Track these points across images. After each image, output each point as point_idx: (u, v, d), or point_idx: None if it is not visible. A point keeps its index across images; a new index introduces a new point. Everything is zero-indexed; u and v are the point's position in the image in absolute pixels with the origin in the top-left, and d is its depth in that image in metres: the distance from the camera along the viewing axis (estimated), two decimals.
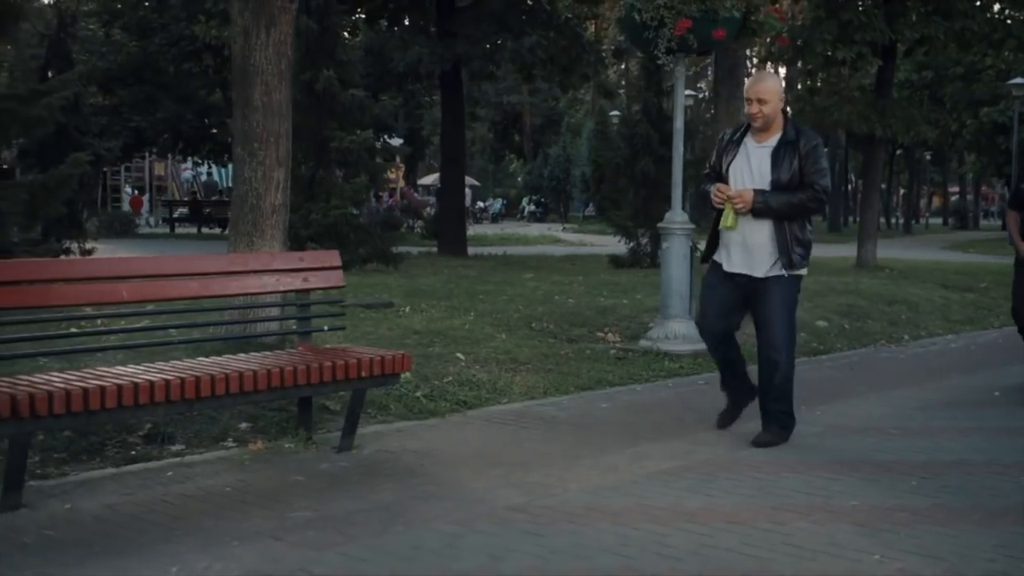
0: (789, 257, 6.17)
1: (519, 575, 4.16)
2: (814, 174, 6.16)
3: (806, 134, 6.31)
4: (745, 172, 6.27)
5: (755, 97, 6.13)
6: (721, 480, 5.62)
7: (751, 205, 6.12)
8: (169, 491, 5.33)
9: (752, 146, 6.31)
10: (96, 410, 4.98)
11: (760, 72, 6.17)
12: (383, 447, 6.33)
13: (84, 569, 4.18)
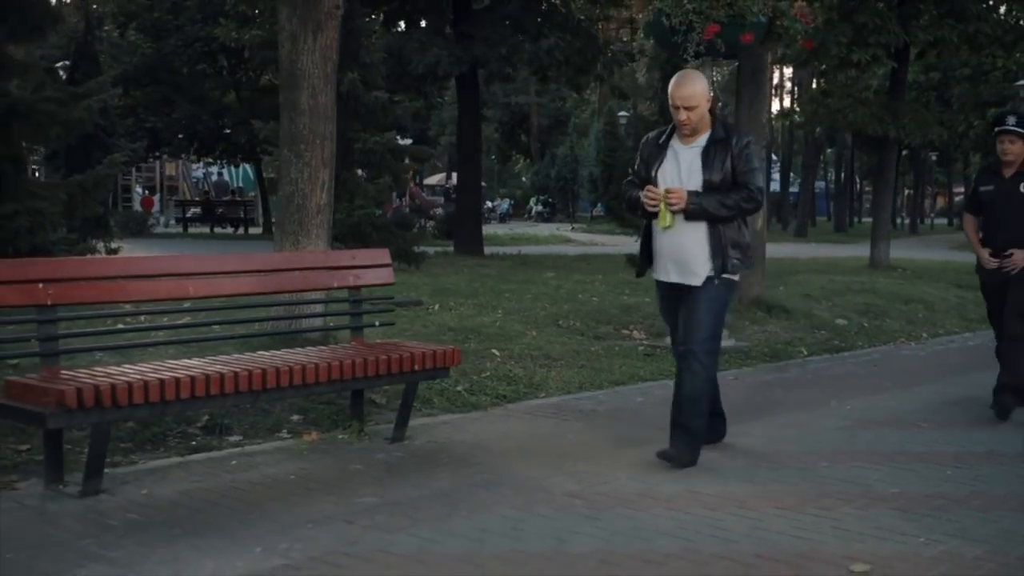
0: (723, 261, 5.79)
1: (585, 555, 4.38)
2: (747, 173, 5.82)
3: (737, 132, 6.04)
4: (674, 175, 5.86)
5: (682, 105, 5.77)
6: (763, 469, 5.85)
7: (686, 203, 5.71)
8: (236, 478, 5.57)
9: (680, 148, 5.92)
10: (171, 400, 5.23)
11: (682, 74, 5.92)
12: (433, 438, 6.56)
13: (173, 548, 4.41)
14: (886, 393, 8.45)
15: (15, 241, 10.61)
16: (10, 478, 5.42)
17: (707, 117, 5.87)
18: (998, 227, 7.47)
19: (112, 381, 5.07)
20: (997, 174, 7.55)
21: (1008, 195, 7.39)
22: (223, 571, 4.14)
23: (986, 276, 7.65)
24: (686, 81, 5.83)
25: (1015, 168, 7.40)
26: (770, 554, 4.41)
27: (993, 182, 7.54)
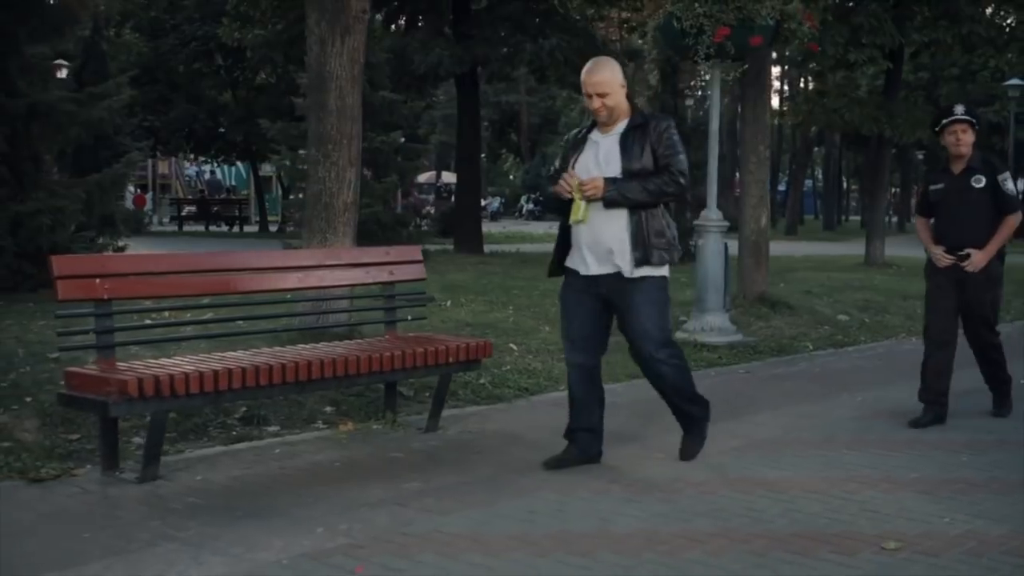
0: (647, 251, 5.49)
1: (630, 534, 4.62)
2: (669, 156, 5.50)
3: (656, 117, 5.74)
4: (592, 165, 5.58)
5: (594, 92, 5.53)
6: (788, 456, 6.10)
7: (603, 192, 5.41)
8: (284, 465, 5.80)
9: (599, 138, 5.67)
10: (224, 390, 5.46)
11: (595, 61, 5.68)
12: (465, 428, 6.79)
13: (238, 529, 4.63)
14: (893, 385, 8.68)
15: (37, 238, 10.83)
16: (67, 465, 5.63)
17: (624, 105, 5.61)
18: (951, 226, 7.04)
19: (169, 372, 5.29)
20: (946, 171, 7.10)
21: (960, 192, 6.97)
22: (292, 549, 4.37)
23: (939, 277, 7.11)
24: (598, 68, 5.61)
25: (965, 163, 6.94)
26: (806, 533, 4.65)
27: (943, 180, 7.10)
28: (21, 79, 11.12)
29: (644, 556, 4.33)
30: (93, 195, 11.63)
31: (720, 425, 6.92)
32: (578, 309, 5.75)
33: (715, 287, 10.57)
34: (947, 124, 6.91)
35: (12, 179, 10.90)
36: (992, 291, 7.09)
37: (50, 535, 4.57)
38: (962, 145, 6.87)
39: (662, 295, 5.67)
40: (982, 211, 6.91)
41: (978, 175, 6.89)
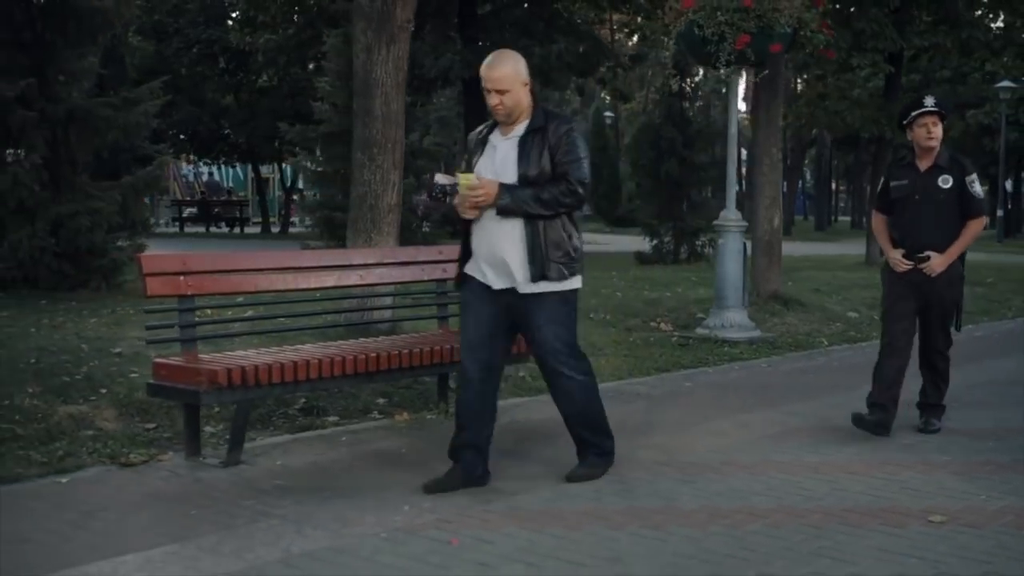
0: (543, 265, 5.13)
1: (694, 510, 4.99)
2: (567, 163, 5.12)
3: (557, 119, 5.26)
4: (488, 170, 5.21)
5: (493, 87, 5.13)
6: (825, 442, 6.47)
7: (495, 199, 5.06)
8: (354, 451, 6.15)
9: (498, 140, 5.29)
10: (302, 380, 5.83)
11: (495, 54, 5.26)
12: (513, 418, 7.14)
13: (329, 507, 4.99)
14: (912, 379, 9.03)
15: (76, 239, 11.16)
16: (151, 451, 5.98)
17: (525, 104, 5.20)
18: (913, 227, 6.57)
19: (254, 363, 5.65)
20: (912, 167, 6.59)
21: (925, 191, 6.50)
22: (386, 524, 4.72)
23: (896, 282, 6.71)
24: (498, 61, 5.19)
25: (933, 160, 6.49)
26: (855, 508, 5.02)
27: (907, 176, 6.59)
28: (59, 85, 11.44)
29: (710, 529, 4.70)
30: (128, 197, 11.96)
31: (755, 414, 7.34)
32: (477, 314, 5.35)
33: (734, 285, 10.93)
34: (917, 116, 6.47)
35: (51, 182, 11.22)
36: (953, 293, 6.71)
37: (159, 512, 4.93)
38: (933, 139, 6.43)
39: (565, 309, 5.30)
40: (947, 213, 6.49)
41: (946, 175, 6.46)
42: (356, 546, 4.44)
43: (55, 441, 5.99)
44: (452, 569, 4.17)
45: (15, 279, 10.82)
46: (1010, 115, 39.75)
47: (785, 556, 4.34)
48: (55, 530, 4.63)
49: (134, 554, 4.30)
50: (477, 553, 4.35)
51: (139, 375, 7.24)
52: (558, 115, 5.36)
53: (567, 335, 5.34)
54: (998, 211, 42.97)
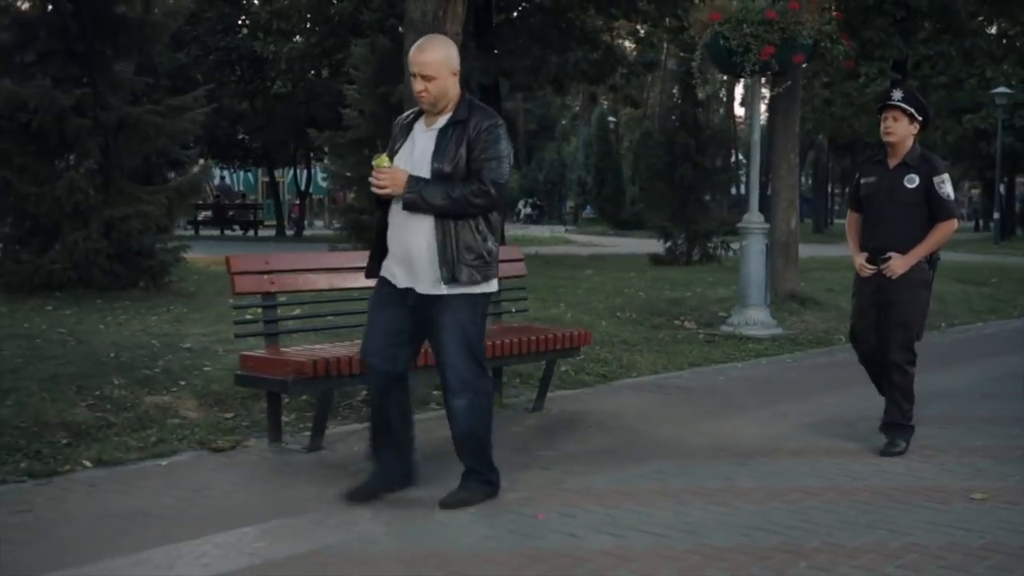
0: (454, 268, 4.77)
1: (753, 489, 5.33)
2: (483, 162, 4.75)
3: (481, 112, 4.87)
4: (407, 161, 4.87)
5: (418, 72, 4.80)
6: (860, 429, 6.79)
7: (402, 189, 4.69)
8: (431, 437, 6.45)
9: (420, 129, 4.94)
10: None
11: (427, 39, 5.05)
12: (564, 408, 7.50)
13: (415, 487, 5.32)
14: (933, 373, 9.35)
15: (127, 241, 11.51)
16: (235, 438, 6.31)
17: (453, 94, 4.87)
18: (877, 227, 6.19)
19: (335, 355, 5.99)
20: (881, 164, 6.22)
21: (890, 189, 6.11)
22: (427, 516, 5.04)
23: (862, 287, 6.36)
24: (427, 45, 4.91)
25: (901, 157, 6.08)
26: (900, 487, 5.37)
27: (876, 173, 6.23)
28: (110, 94, 11.78)
29: (771, 505, 5.05)
30: (173, 201, 12.31)
31: (792, 405, 7.69)
32: (382, 314, 5.03)
33: (757, 284, 11.29)
34: (880, 110, 6.16)
35: (104, 187, 11.56)
36: (913, 297, 6.18)
37: (261, 490, 5.28)
38: (890, 133, 6.04)
39: (473, 316, 4.91)
40: (912, 213, 6.05)
41: (912, 174, 6.03)
42: (451, 520, 4.78)
43: (146, 429, 6.33)
44: (545, 539, 4.51)
45: (71, 279, 11.16)
46: (1006, 120, 40.10)
47: (844, 528, 4.68)
48: (171, 506, 4.97)
49: (251, 526, 4.64)
50: (563, 526, 4.69)
51: (211, 368, 7.59)
52: (483, 109, 4.92)
53: (470, 344, 4.91)
54: (995, 214, 43.27)
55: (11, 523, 4.67)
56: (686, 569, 4.14)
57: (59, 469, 5.53)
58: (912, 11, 19.29)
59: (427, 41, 4.96)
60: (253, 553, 4.31)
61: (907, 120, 6.02)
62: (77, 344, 7.94)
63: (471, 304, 4.89)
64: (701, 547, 4.40)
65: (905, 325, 6.17)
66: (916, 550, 4.38)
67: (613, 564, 4.19)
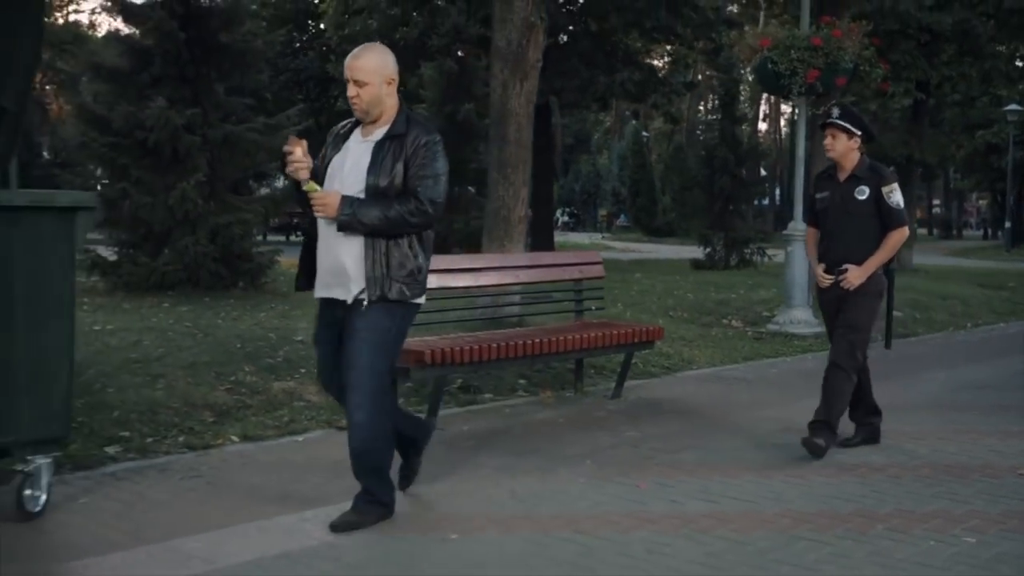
0: (383, 285, 4.32)
1: (825, 465, 5.64)
2: (421, 179, 4.33)
3: (419, 127, 4.44)
4: (338, 171, 4.46)
5: (351, 76, 4.40)
6: (910, 415, 7.08)
7: (336, 213, 4.26)
8: (521, 421, 6.83)
9: (356, 140, 4.50)
10: (483, 361, 6.51)
11: (362, 47, 4.56)
12: (639, 396, 7.81)
13: (528, 460, 5.66)
14: (964, 367, 9.68)
15: (230, 245, 11.93)
16: None
17: (388, 105, 4.44)
18: (833, 239, 6.01)
19: (450, 346, 6.35)
20: (832, 178, 6.05)
21: (843, 202, 5.95)
22: (577, 473, 5.40)
23: (823, 298, 6.18)
24: (362, 52, 4.49)
25: (850, 171, 5.93)
26: (955, 464, 5.67)
27: (828, 188, 6.05)
28: (215, 114, 12.22)
29: (844, 479, 5.36)
30: (268, 209, 12.74)
31: None
32: (325, 342, 4.62)
33: (800, 286, 11.56)
34: (821, 127, 6.07)
35: (210, 197, 11.98)
36: (868, 305, 6.00)
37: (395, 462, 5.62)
38: (830, 150, 5.94)
39: (389, 326, 4.42)
40: (866, 224, 5.89)
41: (862, 185, 5.88)
42: (565, 488, 5.12)
43: (278, 410, 6.70)
44: (649, 505, 4.84)
45: (181, 280, 11.58)
46: (1017, 135, 40.00)
47: (910, 497, 4.99)
48: (320, 471, 5.33)
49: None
50: (663, 494, 5.02)
51: None
52: (422, 124, 4.51)
53: (382, 353, 4.42)
54: (1006, 223, 43.17)
55: (186, 487, 5.04)
56: (778, 529, 4.47)
57: (212, 443, 5.91)
58: (936, 35, 19.49)
59: (363, 48, 4.54)
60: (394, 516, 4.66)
61: (846, 136, 5.87)
62: (204, 336, 8.33)
63: (392, 315, 4.40)
64: (788, 512, 4.72)
65: (853, 328, 5.91)
66: (978, 516, 4.68)
67: (713, 525, 4.52)
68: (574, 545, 4.21)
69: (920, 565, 4.02)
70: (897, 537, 4.36)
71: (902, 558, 4.09)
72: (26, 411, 4.37)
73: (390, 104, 4.44)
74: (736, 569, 3.97)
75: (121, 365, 7.11)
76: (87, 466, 5.30)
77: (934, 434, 6.49)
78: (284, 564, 3.98)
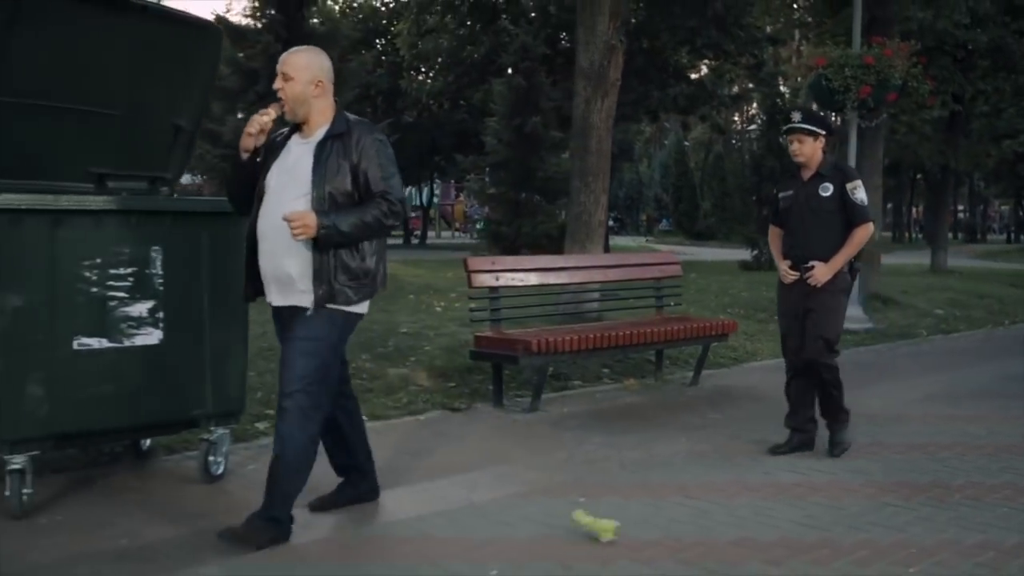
0: (331, 290, 3.99)
1: (896, 444, 5.89)
2: (383, 180, 4.02)
3: (362, 126, 4.13)
4: (280, 172, 4.10)
5: (279, 68, 4.15)
6: (966, 400, 7.31)
7: (315, 231, 3.88)
8: (612, 404, 7.14)
9: (296, 143, 4.15)
10: (580, 350, 6.85)
11: (304, 46, 4.39)
12: (714, 384, 8.09)
13: (627, 437, 5.97)
14: (1007, 360, 9.83)
15: None
16: (465, 402, 7.01)
17: (318, 106, 4.11)
18: (798, 237, 5.72)
19: (554, 336, 6.68)
20: (796, 178, 5.78)
21: (808, 200, 5.67)
22: (676, 447, 5.71)
23: (785, 295, 5.83)
24: (299, 49, 4.26)
25: (813, 169, 5.66)
26: (1014, 444, 5.90)
27: (792, 187, 5.78)
28: None
29: (914, 455, 5.61)
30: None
31: (902, 383, 8.21)
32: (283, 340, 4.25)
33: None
34: (784, 133, 5.79)
35: None
36: (836, 303, 5.72)
37: (511, 438, 5.98)
38: (799, 155, 5.66)
39: (327, 334, 4.05)
40: (830, 221, 5.62)
41: (826, 183, 5.62)
42: (668, 460, 5.43)
43: (396, 393, 7.06)
44: (746, 476, 5.13)
45: None
46: None
47: (980, 472, 5.24)
48: (447, 446, 5.69)
49: (509, 465, 5.34)
50: (756, 467, 5.32)
51: (429, 348, 8.34)
52: (364, 123, 4.19)
53: (313, 369, 4.01)
54: None
55: None
56: (865, 497, 4.74)
57: None
58: (971, 51, 19.53)
59: (301, 47, 4.32)
60: (525, 481, 5.00)
61: (812, 139, 5.62)
62: None
63: (334, 323, 4.06)
64: (871, 483, 5.00)
65: (827, 331, 5.69)
66: None
67: (806, 493, 4.81)
68: (687, 508, 4.52)
69: (998, 528, 4.28)
70: (973, 504, 4.63)
71: (981, 522, 4.36)
72: (210, 389, 4.76)
73: (322, 106, 4.12)
74: (834, 528, 4.25)
75: (256, 352, 7.49)
76: (243, 439, 5.69)
77: (989, 418, 6.70)
78: (442, 521, 4.32)
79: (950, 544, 4.06)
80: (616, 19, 9.33)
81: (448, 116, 33.44)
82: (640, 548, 3.98)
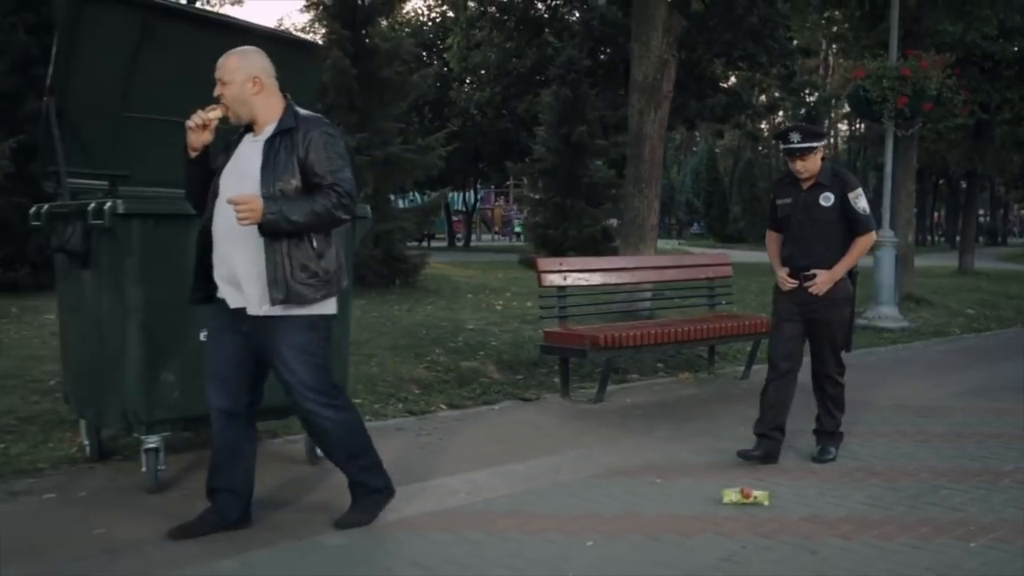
0: (287, 289, 3.77)
1: (944, 433, 6.02)
2: (333, 172, 3.80)
3: (310, 120, 3.90)
4: (231, 170, 3.92)
5: (216, 76, 3.91)
6: (1002, 394, 7.40)
7: (261, 215, 3.67)
8: (671, 396, 7.31)
9: (247, 142, 3.96)
10: (642, 345, 7.02)
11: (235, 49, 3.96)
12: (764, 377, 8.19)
13: (687, 426, 6.14)
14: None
15: (390, 249, 12.61)
16: (534, 393, 7.21)
17: (263, 104, 3.90)
18: (798, 245, 5.40)
19: (619, 332, 6.87)
20: (795, 185, 5.40)
21: (808, 208, 5.34)
22: (730, 437, 5.87)
23: (783, 301, 5.49)
24: (230, 52, 3.97)
25: (814, 179, 5.31)
26: None
27: (791, 194, 5.42)
28: (376, 137, 12.93)
29: (962, 443, 5.75)
30: (421, 217, 13.41)
31: (942, 378, 8.29)
32: (221, 345, 3.99)
33: (887, 286, 11.85)
34: (784, 153, 5.42)
35: (375, 207, 12.68)
36: (840, 313, 5.46)
37: (580, 425, 6.16)
38: (804, 172, 5.29)
39: (313, 336, 3.90)
40: (831, 230, 5.33)
41: (827, 192, 5.30)
42: (734, 446, 5.59)
43: (469, 384, 7.28)
44: (808, 462, 5.30)
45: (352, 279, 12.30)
46: None
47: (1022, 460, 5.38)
48: (524, 433, 5.89)
49: (586, 449, 5.54)
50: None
51: (496, 343, 8.55)
52: (312, 117, 3.96)
53: (314, 366, 3.91)
54: None
55: (422, 442, 5.63)
56: (921, 480, 4.90)
57: (427, 410, 6.51)
58: (997, 62, 19.48)
59: (232, 50, 4.00)
60: (602, 464, 5.19)
61: (813, 154, 5.27)
62: (393, 325, 8.97)
63: (309, 326, 3.88)
64: (925, 467, 5.15)
65: (836, 342, 5.51)
66: None
67: (866, 476, 4.97)
68: (759, 490, 4.70)
69: None
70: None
71: None
72: None
73: (267, 104, 3.91)
74: (894, 508, 4.42)
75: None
76: None
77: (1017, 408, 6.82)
78: (534, 499, 4.53)
79: (1006, 522, 4.21)
80: (670, 35, 9.49)
81: (492, 125, 33.68)
82: (720, 522, 4.17)
